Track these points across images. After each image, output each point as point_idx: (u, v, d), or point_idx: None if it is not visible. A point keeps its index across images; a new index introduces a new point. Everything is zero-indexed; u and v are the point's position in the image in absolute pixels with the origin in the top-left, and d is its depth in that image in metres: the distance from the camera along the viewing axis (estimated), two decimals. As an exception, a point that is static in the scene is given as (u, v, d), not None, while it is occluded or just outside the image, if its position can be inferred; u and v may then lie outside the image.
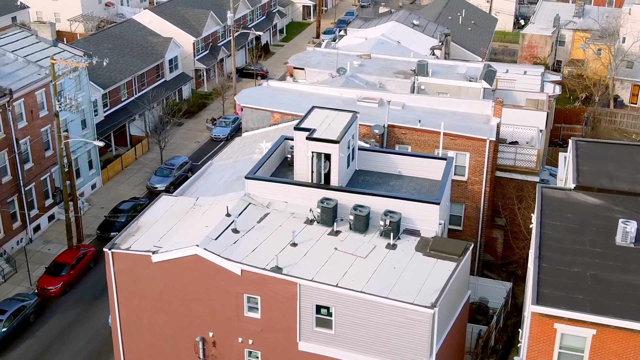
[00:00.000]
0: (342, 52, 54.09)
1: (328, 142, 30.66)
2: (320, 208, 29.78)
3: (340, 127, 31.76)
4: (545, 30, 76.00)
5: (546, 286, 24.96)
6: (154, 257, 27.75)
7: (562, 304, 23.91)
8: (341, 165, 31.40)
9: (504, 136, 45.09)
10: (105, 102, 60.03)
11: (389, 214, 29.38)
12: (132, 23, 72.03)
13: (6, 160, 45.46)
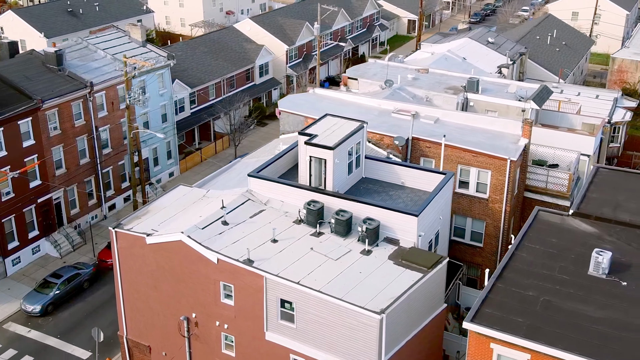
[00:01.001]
0: (400, 65, 53.77)
1: (323, 148, 30.96)
2: (306, 209, 30.16)
3: (341, 135, 31.94)
4: (637, 55, 70.91)
5: (490, 305, 23.94)
6: (148, 239, 29.39)
7: (498, 325, 22.86)
8: (337, 171, 31.56)
9: (545, 158, 43.07)
10: (193, 100, 63.24)
11: (368, 221, 29.23)
12: (231, 30, 75.19)
13: (85, 144, 49.36)
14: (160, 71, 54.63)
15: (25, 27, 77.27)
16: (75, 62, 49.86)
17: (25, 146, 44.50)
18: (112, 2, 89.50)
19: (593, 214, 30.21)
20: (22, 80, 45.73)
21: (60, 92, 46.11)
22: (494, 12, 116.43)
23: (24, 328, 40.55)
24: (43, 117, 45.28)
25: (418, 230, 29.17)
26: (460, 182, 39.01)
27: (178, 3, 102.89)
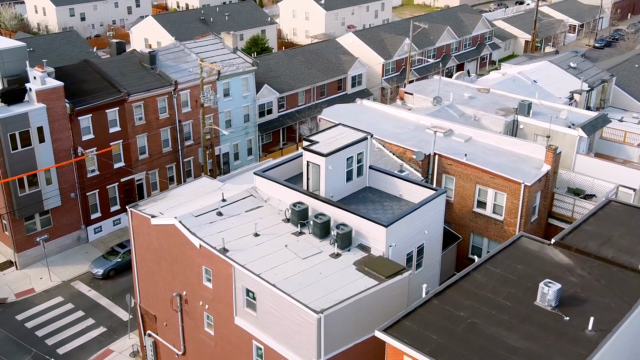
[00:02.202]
0: (464, 83, 52.09)
1: (318, 154, 31.26)
2: (291, 210, 30.67)
3: (340, 145, 32.04)
4: None
5: (413, 319, 23.16)
6: (152, 220, 31.42)
7: (408, 338, 22.09)
8: (332, 177, 31.68)
9: (583, 187, 40.08)
10: (281, 104, 65.38)
11: (341, 226, 29.13)
12: (331, 42, 76.48)
13: (169, 135, 53.04)
14: (244, 75, 57.17)
15: (161, 32, 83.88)
16: (169, 62, 53.67)
17: (111, 132, 48.81)
18: (241, 13, 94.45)
19: (575, 246, 27.92)
20: (117, 75, 50.15)
21: (146, 88, 50.00)
22: (618, 39, 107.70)
23: (86, 287, 44.65)
24: (129, 108, 49.36)
25: (388, 241, 28.59)
26: (478, 202, 37.49)
27: (304, 16, 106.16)
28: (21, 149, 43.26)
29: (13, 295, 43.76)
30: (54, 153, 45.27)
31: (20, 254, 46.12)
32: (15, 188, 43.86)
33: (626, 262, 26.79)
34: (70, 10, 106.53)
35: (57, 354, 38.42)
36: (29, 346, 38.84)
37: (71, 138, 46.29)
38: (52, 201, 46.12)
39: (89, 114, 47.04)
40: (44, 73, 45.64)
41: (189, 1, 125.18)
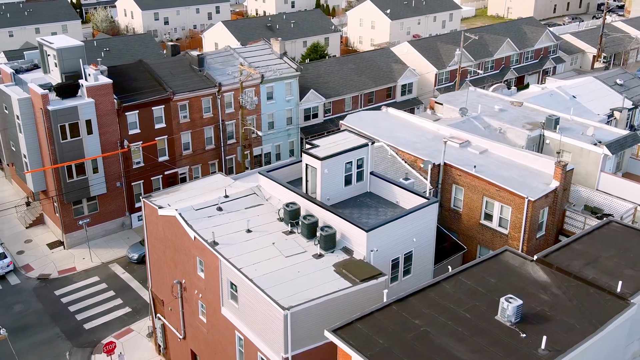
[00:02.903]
0: (499, 96, 50.50)
1: (314, 158, 31.40)
2: (283, 209, 30.97)
3: (339, 149, 32.02)
4: None
5: (366, 322, 22.86)
6: (159, 211, 32.61)
7: (355, 340, 21.84)
8: (328, 180, 31.70)
9: (601, 206, 38.06)
10: (327, 109, 65.72)
11: (325, 228, 29.14)
12: (385, 51, 75.97)
13: (212, 134, 54.62)
14: (288, 80, 57.94)
15: (229, 37, 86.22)
16: (217, 65, 55.28)
17: (157, 127, 50.88)
18: (306, 21, 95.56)
19: (557, 264, 26.62)
20: (167, 76, 52.22)
21: (191, 88, 51.75)
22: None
23: (121, 270, 46.81)
24: (175, 107, 51.27)
25: (369, 245, 28.32)
26: (485, 215, 36.38)
27: (370, 25, 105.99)
28: (70, 139, 45.93)
29: (56, 272, 46.54)
30: (101, 144, 47.75)
31: (67, 235, 48.97)
32: (64, 175, 46.62)
33: (605, 284, 25.27)
34: (155, 15, 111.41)
35: (83, 329, 40.55)
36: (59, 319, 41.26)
37: (118, 131, 48.67)
38: (98, 188, 48.65)
39: (136, 110, 49.25)
40: (97, 71, 48.28)
41: (267, 9, 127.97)
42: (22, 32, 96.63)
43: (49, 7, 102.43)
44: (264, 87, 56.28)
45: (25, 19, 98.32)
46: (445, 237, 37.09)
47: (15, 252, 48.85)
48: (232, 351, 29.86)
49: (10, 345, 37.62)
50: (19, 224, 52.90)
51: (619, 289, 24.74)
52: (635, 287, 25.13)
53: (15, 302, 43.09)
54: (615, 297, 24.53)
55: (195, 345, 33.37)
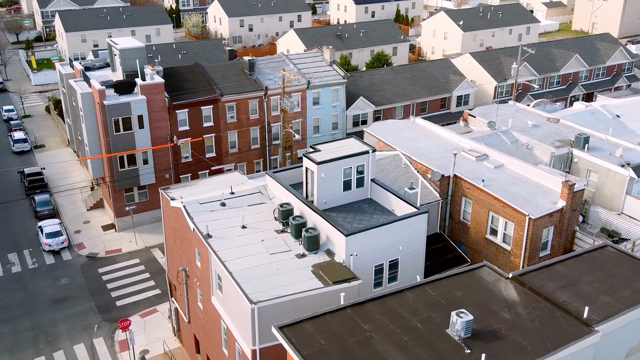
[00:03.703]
0: (536, 111, 48.20)
1: (312, 162, 31.53)
2: (277, 209, 31.32)
3: (338, 155, 31.96)
4: None
5: (314, 323, 22.68)
6: (171, 202, 33.98)
7: (298, 339, 21.77)
8: (325, 184, 31.72)
9: (620, 230, 35.63)
10: (377, 117, 65.26)
11: (310, 229, 29.20)
12: (444, 61, 74.25)
13: (258, 134, 55.87)
14: (335, 87, 58.17)
15: (298, 43, 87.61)
16: (267, 70, 56.50)
17: (205, 126, 52.79)
18: (376, 30, 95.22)
19: (530, 283, 25.26)
20: (218, 78, 54.04)
21: (239, 91, 53.23)
22: None
23: (160, 255, 48.95)
24: (222, 107, 52.97)
25: (348, 249, 28.10)
26: (491, 229, 35.02)
27: (443, 36, 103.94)
28: (123, 132, 48.67)
29: (104, 252, 49.45)
30: (151, 138, 50.22)
31: (119, 219, 51.90)
32: (117, 164, 49.47)
33: (574, 308, 23.68)
34: (240, 22, 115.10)
35: (115, 305, 42.87)
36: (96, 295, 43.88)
37: (168, 127, 50.97)
38: (148, 178, 51.18)
39: (186, 109, 51.37)
40: (154, 71, 50.82)
41: (347, 18, 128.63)
42: (119, 33, 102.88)
43: (145, 12, 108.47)
44: (310, 93, 56.85)
45: (123, 22, 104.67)
46: (450, 249, 36.02)
47: (73, 231, 52.38)
48: (220, 339, 30.66)
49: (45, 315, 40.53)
50: (82, 206, 56.63)
51: (585, 314, 23.15)
52: (605, 314, 23.40)
53: (62, 276, 46.26)
54: (581, 322, 22.96)
55: (196, 330, 34.50)
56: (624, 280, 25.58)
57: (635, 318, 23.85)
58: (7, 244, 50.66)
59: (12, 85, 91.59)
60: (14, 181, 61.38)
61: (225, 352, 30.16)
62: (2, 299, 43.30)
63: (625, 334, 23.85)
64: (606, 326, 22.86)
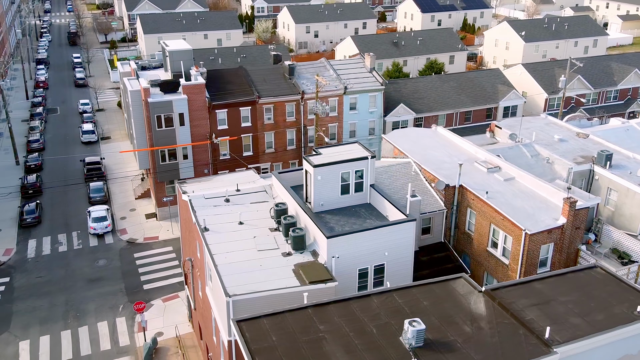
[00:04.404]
0: (567, 125, 45.78)
1: (309, 164, 31.60)
2: (273, 208, 31.59)
3: (336, 159, 31.85)
4: None
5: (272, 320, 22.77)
6: (182, 196, 35.08)
7: (250, 333, 21.96)
8: (322, 186, 31.70)
9: (631, 252, 33.39)
10: (418, 124, 64.15)
11: (296, 229, 29.27)
12: (494, 72, 71.73)
13: (294, 136, 56.45)
14: (373, 93, 57.75)
15: (354, 49, 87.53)
16: (307, 75, 56.94)
17: (243, 126, 53.96)
18: (434, 39, 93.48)
19: (501, 298, 24.17)
20: (259, 81, 55.08)
21: (276, 94, 54.00)
22: None
23: (191, 244, 50.55)
24: (260, 109, 53.94)
25: (330, 251, 27.95)
26: (492, 242, 33.74)
27: (504, 46, 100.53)
28: (164, 128, 50.65)
29: (142, 238, 51.67)
30: (191, 135, 51.94)
31: (159, 209, 54.04)
32: (158, 158, 51.55)
33: (539, 328, 22.46)
34: (307, 28, 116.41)
35: (142, 289, 44.72)
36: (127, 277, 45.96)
37: (208, 125, 52.53)
38: (187, 173, 52.96)
39: (225, 109, 52.74)
40: (198, 72, 52.54)
41: (414, 26, 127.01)
42: (193, 36, 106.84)
43: (218, 17, 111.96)
44: (347, 98, 56.78)
45: (197, 26, 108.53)
46: (451, 259, 34.99)
47: (119, 217, 55.07)
48: (211, 328, 31.38)
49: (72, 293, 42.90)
50: (131, 195, 59.40)
51: (547, 334, 21.91)
52: (570, 336, 22.03)
53: (101, 258, 48.77)
54: (541, 342, 21.77)
55: (199, 318, 35.45)
56: (602, 304, 23.97)
57: (605, 343, 22.31)
58: (61, 225, 54.00)
59: (93, 82, 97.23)
60: (78, 169, 65.27)
61: (214, 340, 30.86)
62: (45, 275, 46.26)
63: (594, 359, 22.37)
64: (567, 349, 21.55)
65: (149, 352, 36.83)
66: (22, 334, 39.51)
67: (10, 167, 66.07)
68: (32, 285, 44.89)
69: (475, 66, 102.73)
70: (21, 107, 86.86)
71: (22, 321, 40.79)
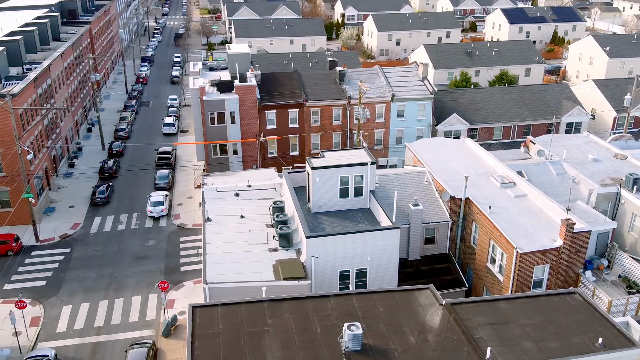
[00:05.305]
0: (607, 145, 42.16)
1: (309, 166, 31.69)
2: (271, 206, 32.00)
3: (335, 163, 31.69)
4: None
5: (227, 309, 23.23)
6: (203, 187, 36.48)
7: (200, 318, 22.56)
8: (321, 188, 31.73)
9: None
10: (472, 135, 61.74)
11: (283, 227, 29.47)
12: (560, 86, 67.25)
13: (340, 139, 56.45)
14: (422, 102, 56.38)
15: (426, 58, 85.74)
16: (358, 81, 56.72)
17: (290, 127, 54.85)
18: (510, 50, 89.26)
19: (458, 314, 23.02)
20: (310, 85, 55.70)
21: (322, 98, 54.33)
22: None
23: (232, 234, 52.16)
24: (307, 112, 54.55)
25: (309, 251, 27.93)
26: (491, 258, 32.06)
27: (588, 61, 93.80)
28: (217, 124, 52.74)
29: (191, 224, 54.09)
30: (241, 132, 53.65)
31: (210, 199, 56.31)
32: (211, 152, 53.77)
33: (483, 346, 21.17)
34: (389, 36, 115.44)
35: (179, 270, 46.90)
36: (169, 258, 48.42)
37: (257, 124, 53.98)
38: (236, 167, 54.78)
39: (274, 110, 53.91)
40: (253, 74, 54.16)
41: (501, 36, 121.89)
42: (280, 41, 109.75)
43: (305, 24, 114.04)
44: (394, 105, 55.91)
45: (285, 32, 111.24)
46: (452, 271, 33.61)
47: (176, 204, 57.99)
48: (209, 311, 32.40)
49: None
50: (192, 184, 62.27)
51: (488, 355, 20.62)
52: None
53: (151, 239, 51.70)
54: (480, 363, 20.56)
55: (209, 301, 36.67)
56: (564, 331, 22.13)
57: (552, 372, 20.63)
58: (125, 206, 57.85)
59: (187, 80, 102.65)
60: (153, 157, 69.45)
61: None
62: (100, 250, 49.86)
63: (539, 387, 20.75)
64: (505, 372, 20.18)
65: (167, 327, 38.63)
66: (67, 299, 42.98)
67: (97, 151, 71.65)
68: (87, 257, 48.59)
69: (556, 80, 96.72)
70: (120, 99, 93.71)
71: (70, 288, 44.33)
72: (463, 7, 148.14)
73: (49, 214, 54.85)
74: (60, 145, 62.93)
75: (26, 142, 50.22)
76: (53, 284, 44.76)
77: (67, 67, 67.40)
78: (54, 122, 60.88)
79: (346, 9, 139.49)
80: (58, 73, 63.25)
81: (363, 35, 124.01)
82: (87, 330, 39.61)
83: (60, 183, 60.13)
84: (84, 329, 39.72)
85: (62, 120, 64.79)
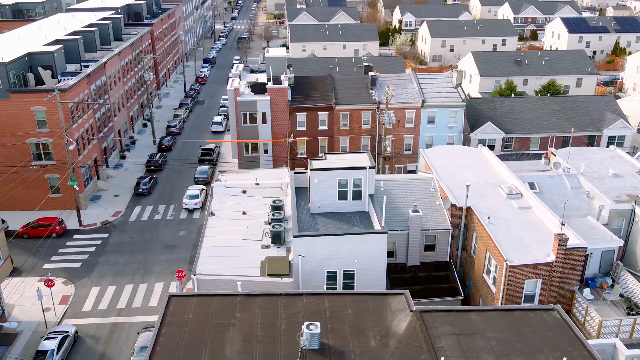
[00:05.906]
0: (628, 158, 39.46)
1: (308, 167, 31.65)
2: (270, 204, 32.19)
3: (334, 165, 31.50)
4: None
5: (201, 300, 23.61)
6: (214, 183, 37.26)
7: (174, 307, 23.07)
8: (319, 190, 31.60)
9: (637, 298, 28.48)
10: (508, 145, 59.47)
11: (276, 225, 29.57)
12: (606, 98, 63.49)
13: (368, 143, 55.94)
14: (454, 109, 54.88)
15: (473, 66, 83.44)
16: (390, 86, 55.99)
17: (320, 129, 54.92)
18: (562, 60, 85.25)
19: (425, 322, 22.37)
20: (342, 90, 55.58)
21: (352, 102, 54.04)
22: None
23: (258, 230, 52.92)
24: (337, 115, 54.43)
25: (296, 250, 27.90)
26: (487, 269, 30.88)
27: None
28: (249, 124, 53.66)
29: (221, 219, 55.32)
30: (272, 133, 54.29)
31: (242, 195, 57.35)
32: (243, 150, 54.77)
33: (443, 356, 20.42)
34: (442, 42, 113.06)
35: (202, 261, 48.14)
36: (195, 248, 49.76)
37: (288, 126, 54.45)
38: (266, 165, 55.47)
39: (304, 112, 54.19)
40: (286, 77, 54.70)
41: (559, 45, 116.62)
42: (333, 46, 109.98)
43: (358, 29, 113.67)
44: (425, 111, 54.79)
45: (338, 37, 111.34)
46: (449, 279, 32.60)
47: (211, 198, 59.52)
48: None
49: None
50: (228, 180, 63.67)
51: (441, 366, 19.94)
52: (467, 373, 19.78)
53: (183, 229, 53.34)
54: (433, 373, 19.89)
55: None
56: (530, 348, 21.02)
57: (509, 389, 19.65)
58: (165, 198, 59.97)
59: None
60: (198, 153, 71.58)
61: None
62: (135, 237, 51.97)
63: (496, 403, 19.81)
64: (456, 384, 19.42)
65: (180, 314, 39.76)
66: (96, 281, 45.12)
67: (148, 145, 74.65)
68: (122, 243, 50.79)
69: (611, 92, 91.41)
70: (178, 97, 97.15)
71: (102, 271, 46.50)
72: (524, 15, 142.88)
73: (95, 201, 57.64)
74: (112, 138, 66.01)
75: (75, 134, 53.06)
76: (87, 266, 47.06)
77: (124, 65, 70.59)
78: (107, 117, 63.93)
79: (404, 15, 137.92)
80: (114, 71, 66.36)
81: (418, 42, 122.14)
82: (110, 311, 41.36)
83: (109, 173, 63.06)
84: (106, 309, 41.50)
85: (116, 115, 67.92)
